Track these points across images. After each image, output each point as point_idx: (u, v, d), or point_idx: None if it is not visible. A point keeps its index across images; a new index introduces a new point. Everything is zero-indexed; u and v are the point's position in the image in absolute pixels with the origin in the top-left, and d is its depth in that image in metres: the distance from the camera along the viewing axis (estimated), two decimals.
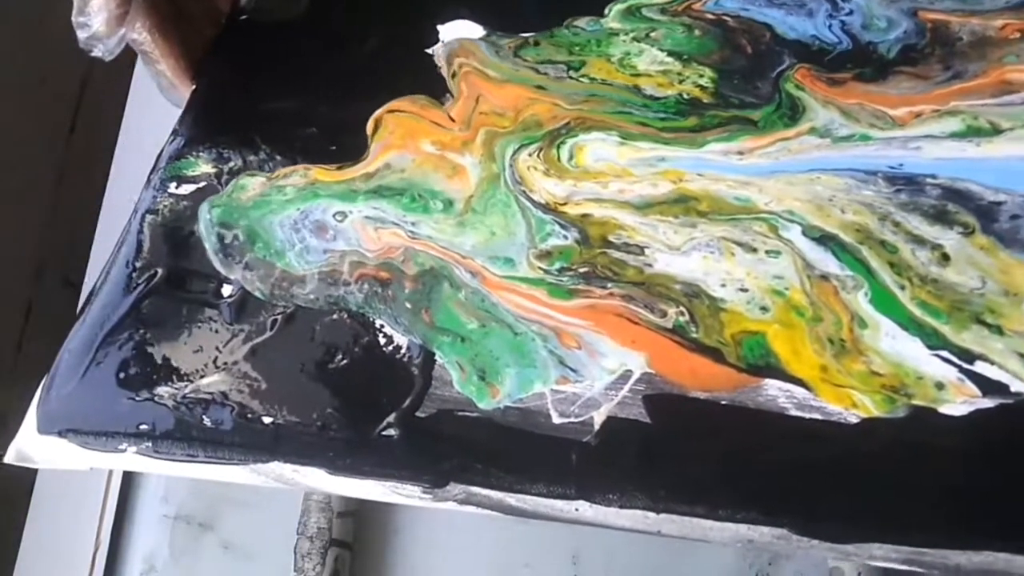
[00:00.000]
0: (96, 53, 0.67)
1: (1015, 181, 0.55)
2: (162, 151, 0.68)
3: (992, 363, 0.49)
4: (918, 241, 0.54)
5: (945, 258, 0.53)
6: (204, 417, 0.55)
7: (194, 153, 0.67)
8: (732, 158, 0.60)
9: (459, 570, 0.88)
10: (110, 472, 0.93)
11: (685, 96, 0.63)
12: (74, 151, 1.08)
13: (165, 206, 0.65)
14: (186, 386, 0.57)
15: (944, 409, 0.49)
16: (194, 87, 0.74)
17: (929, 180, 0.56)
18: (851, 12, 0.65)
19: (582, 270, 0.57)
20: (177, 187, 0.66)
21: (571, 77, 0.67)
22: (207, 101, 0.72)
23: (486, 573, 0.88)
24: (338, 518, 0.87)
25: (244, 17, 0.77)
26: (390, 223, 0.61)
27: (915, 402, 0.49)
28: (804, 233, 0.56)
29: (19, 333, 0.97)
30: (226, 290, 0.60)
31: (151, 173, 0.67)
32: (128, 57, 1.11)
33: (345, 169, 0.65)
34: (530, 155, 0.63)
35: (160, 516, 0.93)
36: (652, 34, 0.67)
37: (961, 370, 0.50)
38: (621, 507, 0.50)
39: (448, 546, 0.89)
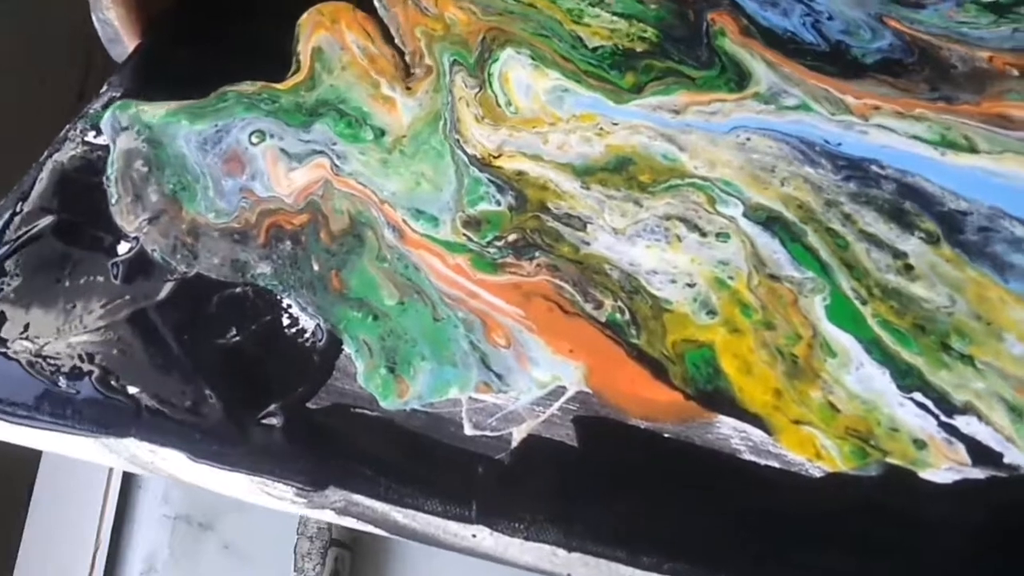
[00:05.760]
0: None
1: (980, 190, 0.45)
2: (90, 100, 0.57)
3: (980, 417, 0.38)
4: (873, 241, 0.44)
5: (908, 268, 0.43)
6: (60, 379, 0.42)
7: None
8: (663, 113, 0.50)
9: (459, 570, 0.79)
10: (110, 472, 0.86)
11: (620, 48, 0.54)
12: None
13: (76, 154, 0.53)
14: (47, 343, 0.44)
15: (926, 475, 0.37)
16: (140, 42, 0.61)
17: (876, 168, 0.46)
18: (831, 17, 0.54)
19: (511, 238, 0.46)
20: (95, 136, 0.54)
21: None
22: (151, 57, 0.60)
23: (486, 573, 0.80)
24: None
25: None
26: (315, 153, 0.51)
27: (891, 460, 0.38)
28: (747, 215, 0.46)
29: None
30: (122, 247, 0.48)
31: (73, 120, 0.56)
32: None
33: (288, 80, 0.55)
34: (466, 86, 0.53)
35: (160, 516, 0.86)
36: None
37: (941, 424, 0.38)
38: (527, 539, 0.37)
39: None
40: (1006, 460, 0.37)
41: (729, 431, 0.39)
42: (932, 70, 0.51)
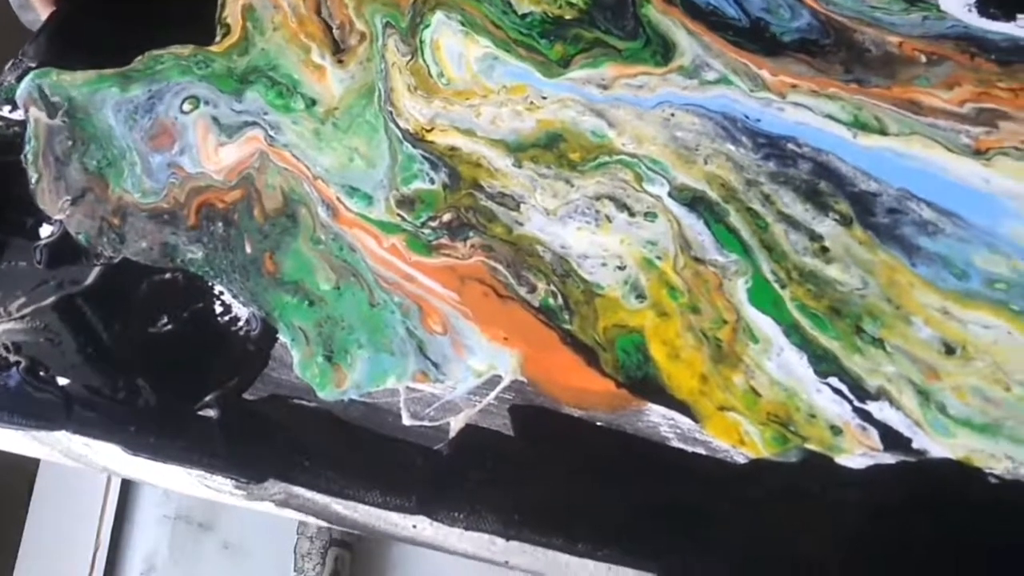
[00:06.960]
0: None
1: (889, 172, 0.45)
2: (3, 73, 0.54)
3: (891, 402, 0.39)
4: (791, 223, 0.44)
5: (824, 250, 0.43)
6: None
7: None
8: (591, 88, 0.50)
9: (458, 570, 0.77)
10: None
11: (549, 15, 0.52)
12: None
13: None
14: None
15: (841, 460, 0.38)
16: (54, 10, 0.57)
17: (793, 147, 0.46)
18: None
19: (445, 217, 0.46)
20: (11, 111, 0.51)
21: None
22: (65, 26, 0.56)
23: (486, 572, 0.80)
24: None
25: None
26: (247, 126, 0.49)
27: (809, 446, 0.39)
28: (672, 195, 0.46)
29: None
30: (44, 230, 0.46)
31: None
32: None
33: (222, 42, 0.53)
34: (398, 51, 0.52)
35: (160, 516, 0.86)
36: None
37: (856, 410, 0.39)
38: (466, 528, 0.38)
39: None
40: (914, 445, 0.38)
41: (658, 419, 0.40)
42: (847, 52, 0.51)
